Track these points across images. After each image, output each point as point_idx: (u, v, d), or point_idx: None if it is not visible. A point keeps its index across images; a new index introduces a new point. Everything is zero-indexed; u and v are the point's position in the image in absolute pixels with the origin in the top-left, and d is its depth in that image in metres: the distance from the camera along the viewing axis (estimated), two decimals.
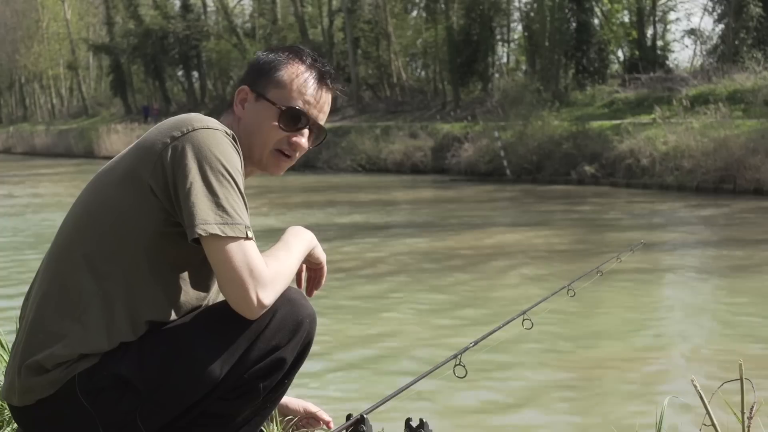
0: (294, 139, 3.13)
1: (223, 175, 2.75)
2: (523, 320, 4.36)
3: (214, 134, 2.80)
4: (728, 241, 19.29)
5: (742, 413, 2.75)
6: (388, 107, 52.48)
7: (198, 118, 2.85)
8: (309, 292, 3.23)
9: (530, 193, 30.75)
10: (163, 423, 2.85)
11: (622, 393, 9.30)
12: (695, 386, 2.65)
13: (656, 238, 18.77)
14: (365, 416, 3.36)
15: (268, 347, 2.88)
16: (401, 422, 3.52)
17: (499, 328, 4.21)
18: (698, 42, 49.07)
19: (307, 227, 3.17)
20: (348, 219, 24.18)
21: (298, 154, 3.20)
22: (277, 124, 3.08)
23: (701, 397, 2.69)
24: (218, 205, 2.72)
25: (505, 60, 56.47)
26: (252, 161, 3.10)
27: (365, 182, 36.79)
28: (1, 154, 73.21)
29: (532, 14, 48.45)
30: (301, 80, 3.11)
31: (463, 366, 3.65)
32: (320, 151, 45.29)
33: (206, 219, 2.70)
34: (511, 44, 56.56)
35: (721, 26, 44.11)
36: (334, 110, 50.83)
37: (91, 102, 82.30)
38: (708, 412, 2.72)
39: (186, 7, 66.88)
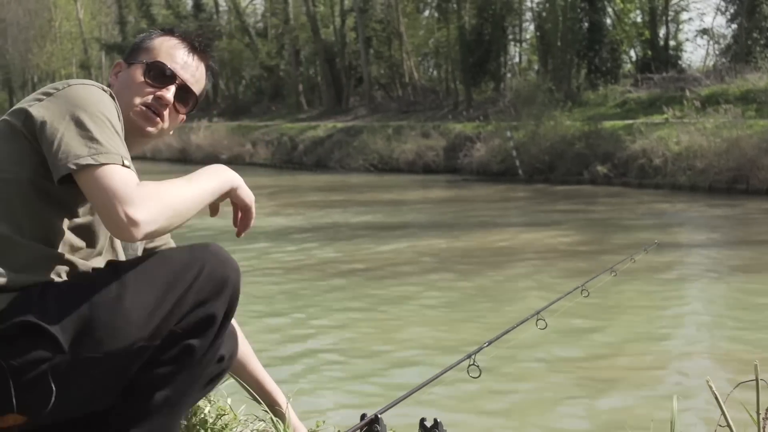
0: (159, 93, 3.11)
1: (97, 116, 2.72)
2: (537, 320, 4.37)
3: (90, 88, 2.81)
4: (741, 241, 19.26)
5: (758, 414, 2.74)
6: (400, 107, 52.41)
7: (75, 80, 2.85)
8: (237, 233, 3.10)
9: (543, 193, 30.72)
10: (79, 382, 2.72)
11: (637, 393, 9.29)
12: (710, 387, 2.64)
13: (669, 238, 18.73)
14: (379, 416, 3.36)
15: (196, 301, 2.78)
16: (415, 422, 3.52)
17: (513, 328, 4.21)
18: (711, 42, 49.00)
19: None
20: (360, 219, 24.16)
21: (167, 114, 3.13)
22: (143, 79, 3.10)
23: (716, 398, 2.68)
24: (91, 138, 2.67)
25: (517, 60, 56.38)
26: (126, 124, 3.01)
27: (377, 182, 36.77)
28: None
29: (544, 14, 48.35)
30: (171, 44, 3.17)
31: (477, 366, 3.65)
32: (332, 151, 45.32)
33: (78, 153, 2.65)
34: (524, 44, 56.47)
35: (734, 26, 44.00)
36: (346, 110, 50.87)
37: None
38: (723, 413, 2.72)
39: (198, 7, 66.97)
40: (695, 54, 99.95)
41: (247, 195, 3.08)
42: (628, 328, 11.95)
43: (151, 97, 3.09)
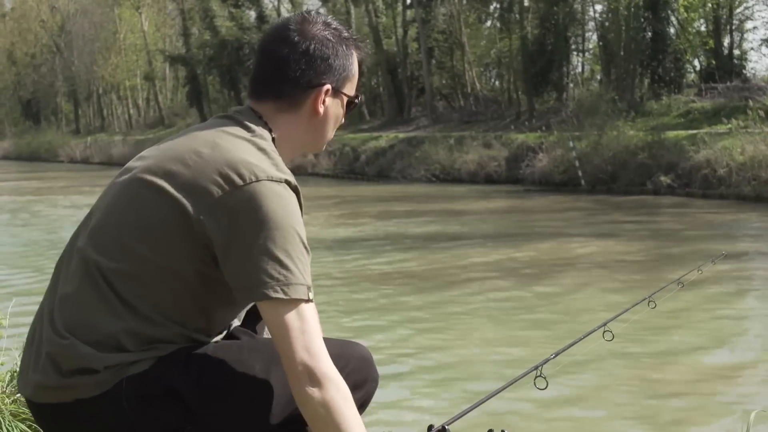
0: (343, 118, 3.13)
1: (288, 233, 2.64)
2: (604, 332, 4.34)
3: (277, 189, 2.68)
4: None
5: None
6: (462, 117, 52.39)
7: (259, 164, 2.71)
8: None
9: (605, 203, 30.54)
10: None
11: (707, 407, 9.19)
12: None
13: (736, 249, 18.54)
14: (447, 427, 3.35)
15: None
16: None
17: (580, 339, 4.18)
18: None
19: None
20: (422, 229, 24.16)
21: None
22: (345, 112, 3.09)
23: None
24: (282, 264, 2.61)
25: (579, 70, 56.13)
26: (315, 148, 3.10)
27: (439, 192, 36.78)
28: (80, 164, 74.15)
29: (607, 24, 48.10)
30: (356, 67, 3.07)
31: (544, 377, 3.63)
32: (394, 161, 45.38)
33: (266, 281, 2.60)
34: (586, 54, 56.22)
35: None
36: (408, 120, 50.89)
37: (167, 112, 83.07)
38: None
39: (261, 18, 67.25)
40: (760, 63, 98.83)
41: None
42: (696, 340, 11.82)
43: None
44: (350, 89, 3.04)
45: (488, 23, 62.06)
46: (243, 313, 3.19)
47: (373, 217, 27.60)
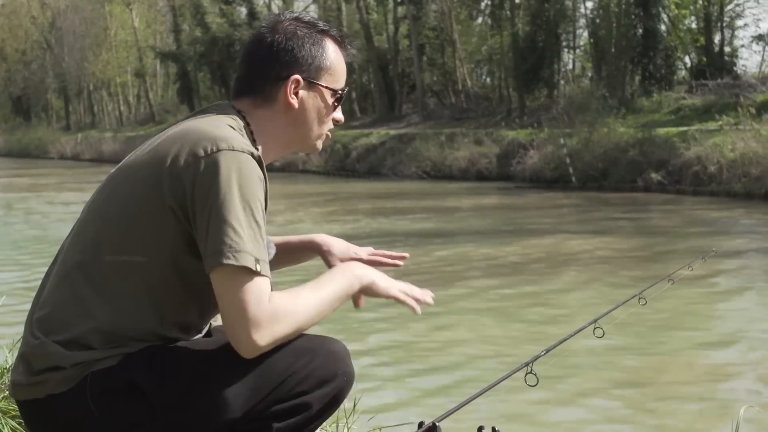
0: (337, 116, 3.12)
1: (243, 202, 2.68)
2: (595, 329, 4.34)
3: (239, 157, 2.72)
4: None
5: None
6: (453, 114, 52.40)
7: (223, 136, 2.75)
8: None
9: (596, 200, 30.57)
10: None
11: (696, 404, 9.21)
12: None
13: (727, 246, 18.56)
14: (437, 424, 3.35)
15: (294, 391, 2.79)
16: (473, 430, 3.50)
17: (571, 336, 4.18)
18: (766, 48, 48.56)
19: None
20: (413, 226, 24.18)
21: None
22: (332, 106, 3.08)
23: None
24: (235, 231, 2.65)
25: (570, 66, 56.16)
26: (303, 147, 3.11)
27: (430, 189, 36.80)
28: (70, 161, 74.04)
29: (598, 21, 48.13)
30: (338, 58, 3.08)
31: (535, 374, 3.64)
32: (385, 158, 45.40)
33: (220, 248, 2.64)
34: (577, 51, 56.22)
35: None
36: (399, 117, 50.90)
37: (158, 109, 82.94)
38: None
39: (252, 15, 67.16)
40: (750, 60, 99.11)
41: (386, 288, 3.11)
42: (687, 337, 11.84)
43: (332, 121, 3.11)
44: (330, 81, 3.05)
45: (479, 20, 62.12)
46: None
47: (364, 214, 27.61)
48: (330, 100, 3.06)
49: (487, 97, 55.10)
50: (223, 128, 2.83)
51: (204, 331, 3.02)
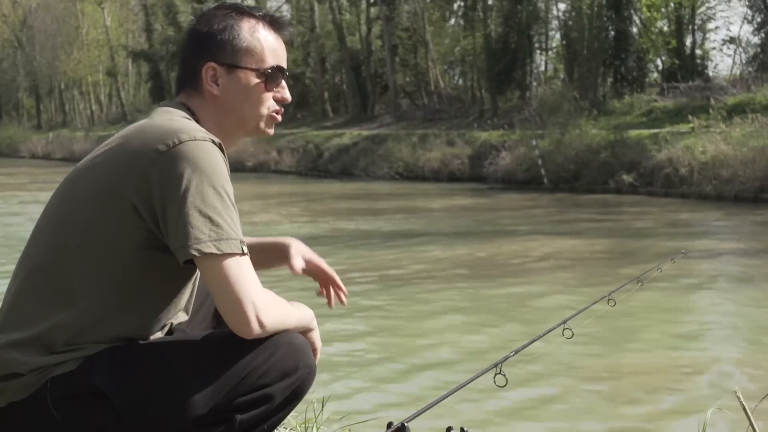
0: (281, 95, 3.08)
1: (217, 189, 2.68)
2: (564, 329, 4.34)
3: (203, 146, 2.71)
4: None
5: None
6: (426, 115, 52.46)
7: (182, 128, 2.74)
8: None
9: (568, 201, 30.67)
10: None
11: (665, 404, 9.26)
12: (738, 397, 2.63)
13: (696, 247, 18.65)
14: (406, 424, 3.35)
15: (257, 384, 2.77)
16: (442, 431, 3.51)
17: (540, 337, 4.19)
18: (737, 51, 48.81)
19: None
20: (385, 227, 24.17)
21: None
22: (263, 86, 3.02)
23: (744, 409, 2.67)
24: (212, 220, 2.65)
25: (542, 68, 56.37)
26: (246, 131, 3.06)
27: (402, 190, 36.80)
28: (41, 160, 73.65)
29: (570, 23, 48.33)
30: (263, 35, 3.03)
31: (504, 375, 3.64)
32: (357, 159, 45.38)
33: (199, 237, 2.63)
34: (549, 52, 56.43)
35: (761, 35, 43.84)
36: (371, 118, 50.96)
37: (130, 108, 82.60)
38: (751, 423, 2.71)
39: None
40: (722, 63, 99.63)
41: (317, 339, 3.07)
42: (655, 338, 11.90)
43: (273, 102, 3.07)
44: (251, 61, 3.00)
45: (452, 21, 62.25)
46: (204, 312, 3.20)
47: (336, 215, 27.58)
48: (255, 81, 3.01)
49: (459, 99, 55.19)
50: (179, 120, 2.83)
51: (166, 330, 3.01)
